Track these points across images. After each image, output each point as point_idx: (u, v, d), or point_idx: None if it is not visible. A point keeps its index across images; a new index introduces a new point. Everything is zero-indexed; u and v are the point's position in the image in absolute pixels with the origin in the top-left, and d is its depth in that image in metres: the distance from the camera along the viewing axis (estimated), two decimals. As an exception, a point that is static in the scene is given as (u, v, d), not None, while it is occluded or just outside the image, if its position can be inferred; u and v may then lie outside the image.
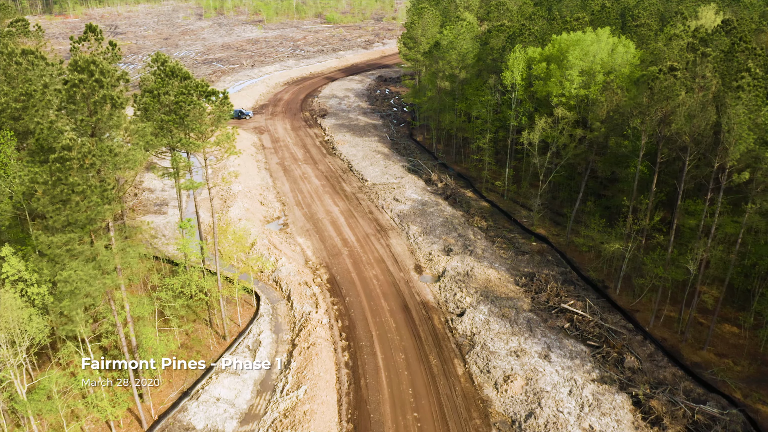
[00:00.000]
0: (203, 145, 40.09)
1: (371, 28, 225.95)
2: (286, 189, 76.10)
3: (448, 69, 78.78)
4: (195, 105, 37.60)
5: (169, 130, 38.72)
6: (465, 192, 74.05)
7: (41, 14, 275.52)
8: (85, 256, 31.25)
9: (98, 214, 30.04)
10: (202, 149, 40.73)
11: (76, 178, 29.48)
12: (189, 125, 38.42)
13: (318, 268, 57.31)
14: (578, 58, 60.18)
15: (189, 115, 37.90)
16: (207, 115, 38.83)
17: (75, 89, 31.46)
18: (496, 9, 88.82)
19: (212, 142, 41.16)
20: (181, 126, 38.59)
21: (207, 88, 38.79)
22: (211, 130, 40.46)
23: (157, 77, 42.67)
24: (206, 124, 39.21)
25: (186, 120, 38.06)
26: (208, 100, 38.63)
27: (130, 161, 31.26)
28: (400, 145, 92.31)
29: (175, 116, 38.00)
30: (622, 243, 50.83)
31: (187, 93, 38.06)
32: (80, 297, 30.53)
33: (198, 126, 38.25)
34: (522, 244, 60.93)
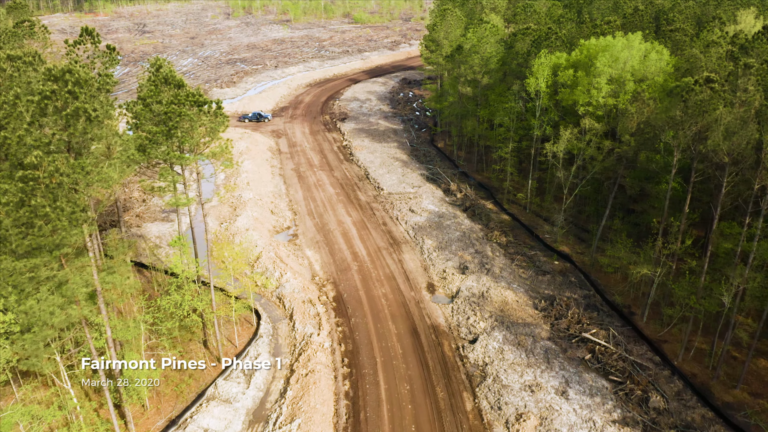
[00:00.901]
0: (194, 158, 37.32)
1: (398, 29, 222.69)
2: (299, 197, 73.35)
3: (470, 74, 75.21)
4: (184, 116, 34.83)
5: (157, 142, 36.04)
6: (485, 204, 70.43)
7: (72, 12, 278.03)
8: (54, 282, 28.68)
9: (65, 239, 27.41)
10: (193, 163, 37.96)
11: (41, 200, 26.89)
12: (178, 138, 35.67)
13: (325, 284, 54.35)
14: (607, 64, 56.22)
15: (178, 126, 35.16)
16: (199, 126, 36.04)
17: (47, 101, 28.93)
18: (522, 11, 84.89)
19: (206, 154, 38.41)
20: (170, 138, 35.87)
21: (199, 97, 36.00)
22: (205, 143, 37.70)
23: (151, 84, 40.07)
24: (198, 136, 36.43)
25: (175, 132, 35.32)
26: (200, 111, 35.83)
27: (104, 180, 28.58)
28: (420, 151, 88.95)
29: (164, 127, 35.30)
30: (651, 267, 46.84)
31: (177, 103, 35.32)
32: (44, 330, 27.95)
33: (188, 138, 35.50)
34: (543, 262, 57.19)
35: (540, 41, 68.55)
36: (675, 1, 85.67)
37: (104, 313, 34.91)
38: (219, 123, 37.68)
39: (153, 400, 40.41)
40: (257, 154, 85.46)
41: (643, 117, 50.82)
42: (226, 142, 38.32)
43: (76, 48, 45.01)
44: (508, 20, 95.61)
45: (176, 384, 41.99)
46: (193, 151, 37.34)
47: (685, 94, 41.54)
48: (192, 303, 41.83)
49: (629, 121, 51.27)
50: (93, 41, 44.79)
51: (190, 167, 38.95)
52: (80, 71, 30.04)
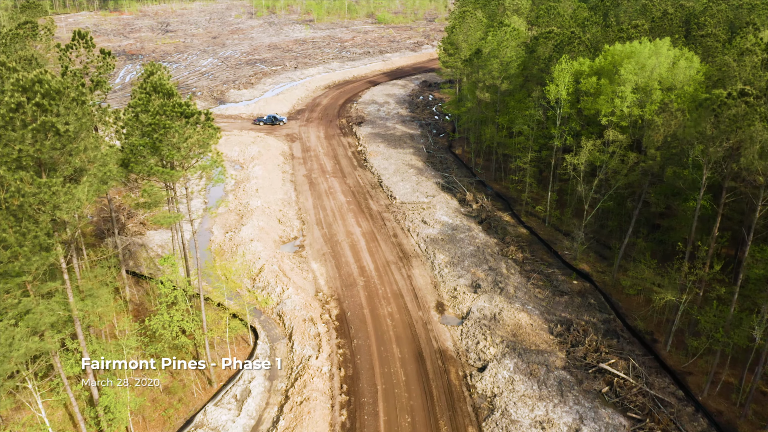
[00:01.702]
0: (180, 174, 34.88)
1: (422, 29, 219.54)
2: (309, 205, 70.87)
3: (489, 79, 72.04)
4: (169, 129, 32.42)
5: (142, 155, 33.68)
6: (502, 216, 67.21)
7: (97, 10, 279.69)
8: (16, 311, 26.42)
9: (25, 266, 25.13)
10: (179, 178, 35.53)
11: (2, 222, 24.65)
12: (163, 152, 33.27)
13: (328, 300, 51.74)
14: (632, 72, 52.74)
15: (164, 140, 32.76)
16: (186, 139, 33.60)
17: (12, 114, 26.69)
18: (545, 13, 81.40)
19: (196, 167, 35.95)
20: (155, 152, 33.48)
21: (187, 108, 33.55)
22: (194, 156, 35.26)
23: (141, 92, 37.80)
24: (186, 149, 34.00)
25: (160, 146, 32.93)
26: (187, 123, 33.39)
27: (71, 201, 26.23)
28: (437, 158, 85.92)
29: (149, 140, 32.92)
30: (676, 293, 43.38)
31: (163, 114, 32.93)
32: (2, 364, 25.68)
33: (172, 153, 33.07)
34: (561, 282, 53.89)
35: (562, 46, 65.15)
36: (706, 4, 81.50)
37: (81, 338, 32.71)
38: (209, 135, 35.23)
39: (139, 425, 38.17)
40: (269, 160, 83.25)
41: (670, 130, 47.33)
42: (217, 155, 35.85)
43: (68, 53, 42.99)
44: (531, 23, 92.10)
45: (164, 408, 39.73)
46: (181, 166, 34.91)
47: (716, 107, 38.09)
48: (181, 323, 39.51)
49: (655, 133, 47.79)
50: (86, 45, 42.67)
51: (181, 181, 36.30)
52: (52, 81, 27.76)
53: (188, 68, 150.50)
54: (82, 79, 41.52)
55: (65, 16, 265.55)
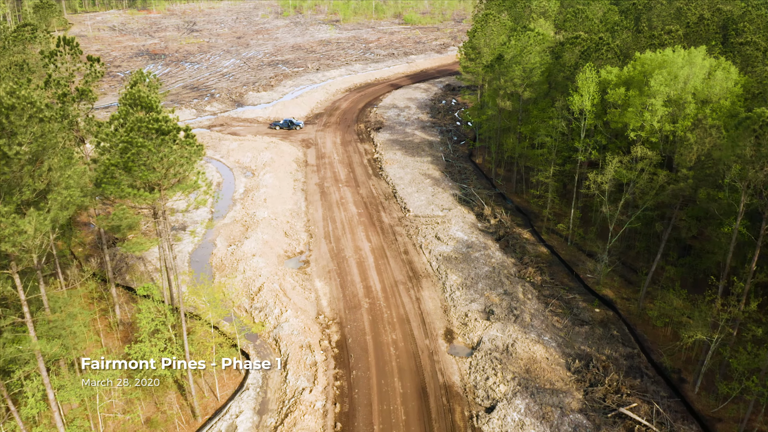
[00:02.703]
0: (156, 196, 31.82)
1: (449, 30, 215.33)
2: (318, 217, 67.71)
3: (510, 86, 68.04)
4: (142, 147, 29.37)
5: (113, 176, 30.68)
6: (521, 233, 63.20)
7: (126, 9, 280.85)
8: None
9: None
10: (154, 201, 32.46)
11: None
12: (136, 172, 30.22)
13: (329, 324, 48.44)
14: (664, 83, 48.46)
15: (136, 160, 29.72)
16: (160, 159, 30.51)
17: (-46, 133, 23.85)
18: (573, 17, 77.02)
19: (175, 188, 32.87)
20: (128, 173, 30.46)
21: (164, 124, 30.45)
22: (174, 176, 32.19)
23: (123, 105, 34.88)
24: (162, 169, 30.92)
25: (132, 165, 29.90)
26: (163, 141, 30.30)
27: (17, 234, 23.29)
28: (455, 168, 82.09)
29: (120, 159, 29.92)
30: (707, 331, 39.16)
31: (136, 131, 29.91)
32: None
33: (146, 174, 30.02)
34: (582, 309, 49.84)
35: (589, 53, 60.94)
36: (745, 8, 76.36)
37: (44, 374, 29.88)
38: (192, 153, 32.12)
39: (115, 464, 35.39)
40: (281, 167, 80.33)
41: (704, 148, 43.05)
42: (197, 176, 32.73)
43: (52, 60, 40.31)
44: (558, 26, 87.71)
45: (145, 444, 36.89)
46: (157, 187, 31.85)
47: (757, 128, 33.86)
48: (163, 354, 36.56)
49: (688, 152, 43.54)
50: (71, 52, 39.92)
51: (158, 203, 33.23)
52: (4, 97, 24.88)
53: (209, 69, 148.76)
54: (65, 88, 38.86)
55: (94, 14, 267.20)
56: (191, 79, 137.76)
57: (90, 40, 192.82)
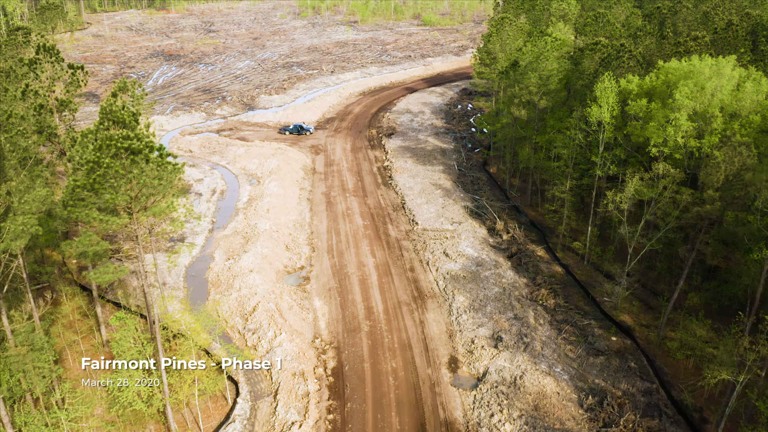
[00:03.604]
0: (124, 221, 29.09)
1: (468, 32, 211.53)
2: (322, 228, 64.88)
3: (526, 95, 64.62)
4: (109, 168, 26.66)
5: (80, 198, 28.00)
6: (535, 250, 59.79)
7: (145, 9, 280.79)
8: None
9: None
10: (122, 227, 29.74)
11: None
12: (103, 195, 27.52)
13: (326, 349, 45.54)
14: (689, 95, 44.87)
15: (102, 182, 27.04)
16: (130, 181, 27.79)
17: None
18: (593, 21, 73.35)
19: (149, 211, 30.12)
20: (96, 195, 27.76)
21: (136, 142, 27.71)
22: (146, 198, 29.45)
23: (100, 119, 32.24)
24: (132, 192, 28.21)
25: (98, 188, 27.21)
26: (133, 161, 27.56)
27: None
28: (468, 177, 78.79)
29: (86, 180, 27.24)
30: (732, 371, 35.61)
31: (104, 150, 27.22)
32: None
33: (113, 197, 27.31)
34: (598, 337, 46.41)
35: (609, 60, 57.39)
36: (780, 12, 72.22)
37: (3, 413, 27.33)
38: (168, 172, 29.37)
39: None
40: (287, 175, 77.66)
41: (733, 168, 39.45)
42: (170, 200, 29.95)
43: (32, 68, 37.85)
44: (578, 30, 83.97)
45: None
46: (127, 211, 29.13)
47: (796, 151, 30.33)
48: (139, 388, 33.90)
49: (715, 171, 39.97)
50: (52, 59, 37.43)
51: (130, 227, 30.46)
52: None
53: (223, 71, 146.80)
54: (41, 99, 36.37)
55: (113, 14, 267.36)
56: (204, 81, 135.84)
57: (106, 40, 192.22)
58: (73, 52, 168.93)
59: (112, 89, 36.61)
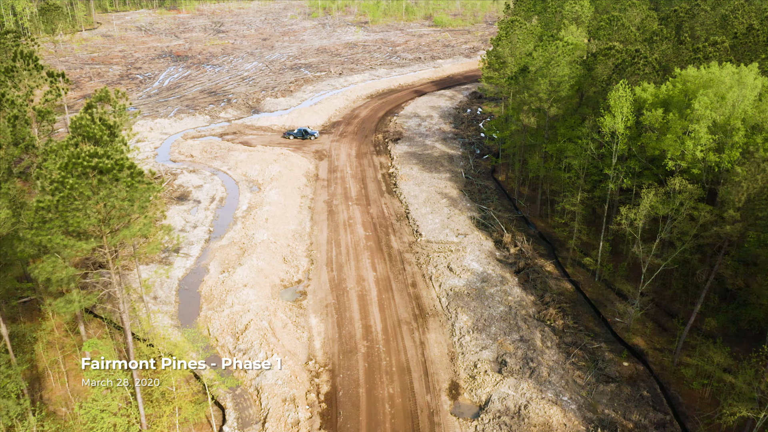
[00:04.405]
0: (91, 246, 26.78)
1: (480, 33, 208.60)
2: (322, 239, 62.54)
3: (536, 102, 61.91)
4: (73, 190, 24.41)
5: (44, 220, 25.75)
6: (544, 264, 57.11)
7: (155, 9, 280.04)
8: None
9: None
10: (89, 252, 27.44)
11: None
12: (67, 218, 25.27)
13: (320, 372, 43.14)
14: (708, 106, 42.06)
15: (67, 204, 24.78)
16: (96, 203, 25.50)
17: None
18: (607, 24, 70.45)
19: (119, 235, 27.83)
20: (61, 218, 25.50)
21: (105, 161, 25.40)
22: (116, 220, 27.18)
23: (71, 133, 30.00)
24: (99, 215, 25.94)
25: (63, 210, 24.96)
26: (101, 182, 25.28)
27: None
28: (475, 186, 76.15)
29: (50, 202, 25.00)
30: (752, 406, 32.88)
31: (69, 169, 24.95)
32: None
33: (78, 220, 25.05)
34: (608, 362, 43.69)
35: (624, 66, 54.62)
36: (803, 15, 68.99)
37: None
38: (141, 192, 27.05)
39: None
40: (289, 182, 75.40)
41: (756, 186, 36.65)
42: (146, 221, 27.64)
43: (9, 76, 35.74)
44: (591, 33, 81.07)
45: None
46: (94, 235, 26.85)
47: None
48: (115, 419, 31.67)
49: (736, 190, 37.17)
50: (30, 67, 35.31)
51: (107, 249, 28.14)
52: None
53: (230, 72, 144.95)
54: (16, 110, 34.23)
55: (123, 13, 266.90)
56: (210, 82, 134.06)
57: (115, 41, 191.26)
58: (81, 52, 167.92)
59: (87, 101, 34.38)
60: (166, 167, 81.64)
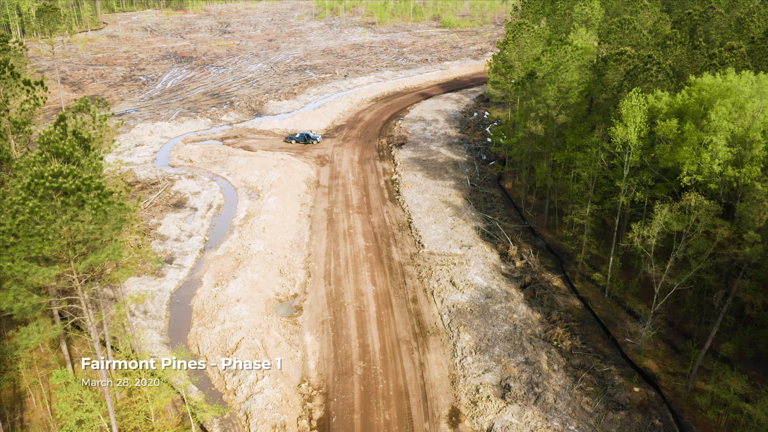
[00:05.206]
0: (54, 273, 24.63)
1: (488, 35, 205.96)
2: (321, 250, 60.37)
3: (543, 108, 59.50)
4: (33, 213, 22.31)
5: (5, 245, 23.64)
6: (551, 279, 54.72)
7: (162, 9, 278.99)
8: None
9: None
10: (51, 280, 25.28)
11: None
12: (29, 245, 23.16)
13: (313, 395, 40.94)
14: (727, 117, 39.58)
15: (28, 228, 22.67)
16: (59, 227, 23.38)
17: None
18: (618, 28, 67.89)
19: (89, 259, 25.69)
20: (20, 243, 23.40)
21: (70, 181, 23.25)
22: (84, 244, 25.04)
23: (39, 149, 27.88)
24: (62, 240, 23.82)
25: (22, 234, 22.86)
26: (65, 204, 23.16)
27: None
28: (481, 194, 73.78)
29: (10, 226, 22.90)
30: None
31: (33, 188, 22.86)
32: None
33: (39, 246, 22.95)
34: (618, 387, 41.26)
35: (636, 73, 52.13)
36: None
37: None
38: (111, 213, 24.90)
39: None
40: (288, 189, 73.27)
41: (780, 204, 34.16)
42: (116, 245, 25.47)
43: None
44: (601, 36, 78.49)
45: None
46: (58, 262, 24.74)
47: None
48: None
49: (757, 209, 34.69)
50: (4, 75, 33.30)
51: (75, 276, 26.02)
52: None
53: (234, 74, 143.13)
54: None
55: (130, 14, 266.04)
56: (213, 84, 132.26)
57: (120, 41, 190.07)
58: (85, 53, 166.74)
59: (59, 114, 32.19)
60: (164, 173, 79.73)
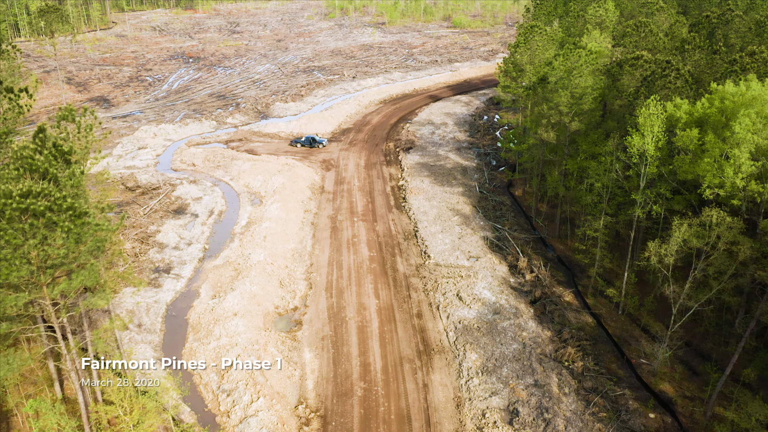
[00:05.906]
0: (21, 299, 22.74)
1: (500, 35, 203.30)
2: (324, 260, 58.39)
3: (555, 115, 57.21)
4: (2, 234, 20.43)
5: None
6: (562, 294, 52.44)
7: (172, 8, 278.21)
8: None
9: None
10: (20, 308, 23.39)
11: None
12: None
13: (310, 419, 38.92)
14: (750, 128, 37.20)
15: None
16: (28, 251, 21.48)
17: None
18: (634, 31, 65.42)
19: (63, 284, 23.78)
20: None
21: (38, 202, 21.34)
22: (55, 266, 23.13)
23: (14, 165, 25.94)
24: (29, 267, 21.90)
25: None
26: (33, 227, 21.25)
27: None
28: (490, 201, 71.53)
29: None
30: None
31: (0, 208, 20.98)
32: None
33: (8, 271, 21.06)
34: (632, 412, 38.99)
35: (653, 79, 49.76)
36: None
37: None
38: (87, 235, 22.97)
39: None
40: (291, 195, 71.31)
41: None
42: (90, 271, 23.55)
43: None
44: (616, 40, 75.98)
45: None
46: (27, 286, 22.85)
47: None
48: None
49: (786, 228, 32.33)
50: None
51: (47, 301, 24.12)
52: None
53: (241, 75, 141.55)
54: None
55: (140, 13, 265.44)
56: (220, 86, 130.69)
57: (128, 41, 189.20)
58: (93, 53, 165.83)
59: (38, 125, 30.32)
60: (166, 177, 78.06)
